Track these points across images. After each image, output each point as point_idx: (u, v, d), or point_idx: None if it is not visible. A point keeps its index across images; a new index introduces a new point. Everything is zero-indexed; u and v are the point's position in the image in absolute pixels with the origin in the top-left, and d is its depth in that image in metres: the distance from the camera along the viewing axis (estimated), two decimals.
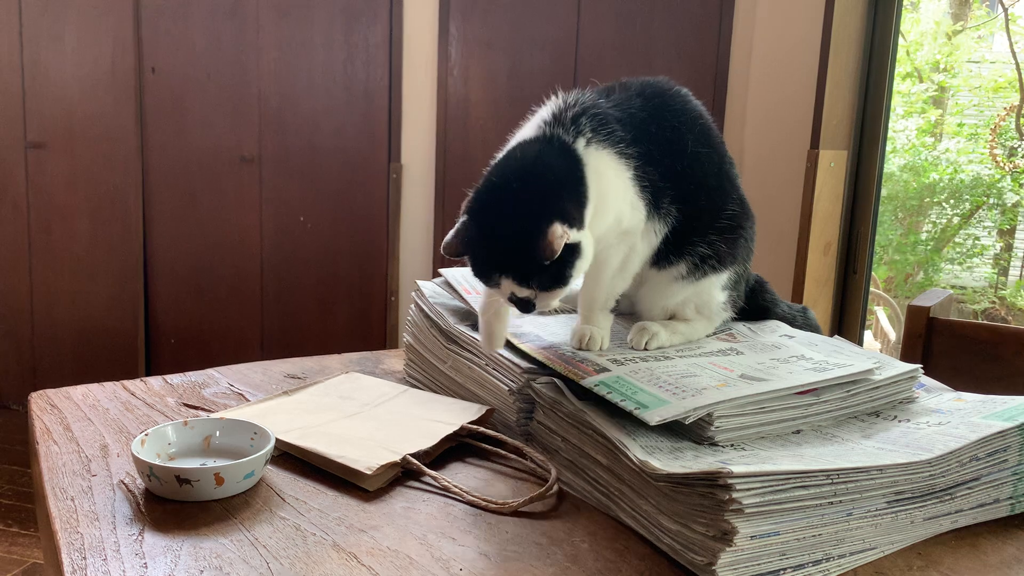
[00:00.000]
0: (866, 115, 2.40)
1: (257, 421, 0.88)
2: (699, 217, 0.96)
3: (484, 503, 0.78)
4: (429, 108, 2.94)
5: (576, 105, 0.90)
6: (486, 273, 0.85)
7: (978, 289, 4.34)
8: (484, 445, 0.90)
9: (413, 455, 0.84)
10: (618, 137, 0.89)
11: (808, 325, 1.09)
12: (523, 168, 0.86)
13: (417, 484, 0.83)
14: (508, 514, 0.77)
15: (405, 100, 2.97)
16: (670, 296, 0.99)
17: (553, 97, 0.93)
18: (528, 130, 0.91)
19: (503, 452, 0.89)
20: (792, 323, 1.08)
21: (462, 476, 0.85)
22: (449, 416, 0.94)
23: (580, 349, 0.91)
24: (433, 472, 0.83)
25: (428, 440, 0.87)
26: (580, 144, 0.87)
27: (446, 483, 0.81)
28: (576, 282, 0.89)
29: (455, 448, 0.91)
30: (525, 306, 0.86)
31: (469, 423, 0.92)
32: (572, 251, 0.84)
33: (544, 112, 0.92)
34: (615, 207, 0.89)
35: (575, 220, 0.84)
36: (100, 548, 0.68)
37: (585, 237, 0.85)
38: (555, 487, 0.80)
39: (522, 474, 0.85)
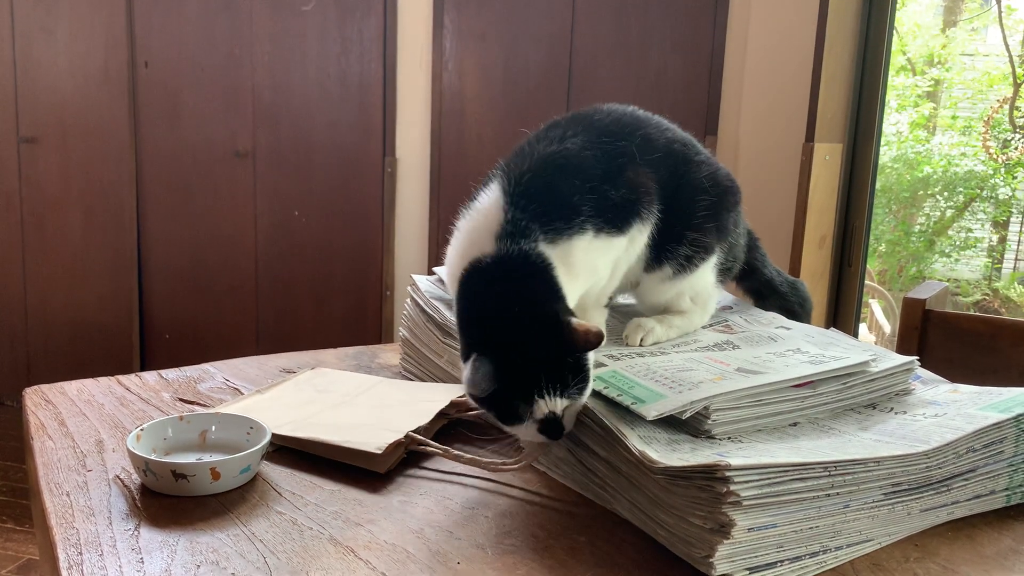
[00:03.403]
0: (861, 108, 2.40)
1: None
2: (671, 223, 0.95)
3: (488, 464, 0.82)
4: (424, 101, 2.94)
5: (518, 205, 0.85)
6: (521, 397, 0.78)
7: (972, 281, 4.35)
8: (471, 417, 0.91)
9: (415, 431, 0.87)
10: (564, 213, 0.85)
11: (798, 296, 1.10)
12: (506, 289, 0.82)
13: (414, 479, 0.83)
14: (512, 470, 0.81)
15: (400, 93, 2.96)
16: (661, 293, 0.99)
17: (487, 191, 0.88)
18: (477, 243, 0.85)
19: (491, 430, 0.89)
20: (777, 288, 1.09)
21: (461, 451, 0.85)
22: (433, 395, 0.97)
23: None
24: (437, 444, 0.83)
25: (423, 418, 0.90)
26: (543, 247, 0.84)
27: (456, 453, 0.84)
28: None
29: (447, 432, 0.91)
30: (557, 428, 0.79)
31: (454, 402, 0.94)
32: None
33: (488, 219, 0.86)
34: (590, 263, 0.88)
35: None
36: (96, 543, 0.68)
37: None
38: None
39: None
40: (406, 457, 0.86)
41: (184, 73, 3.10)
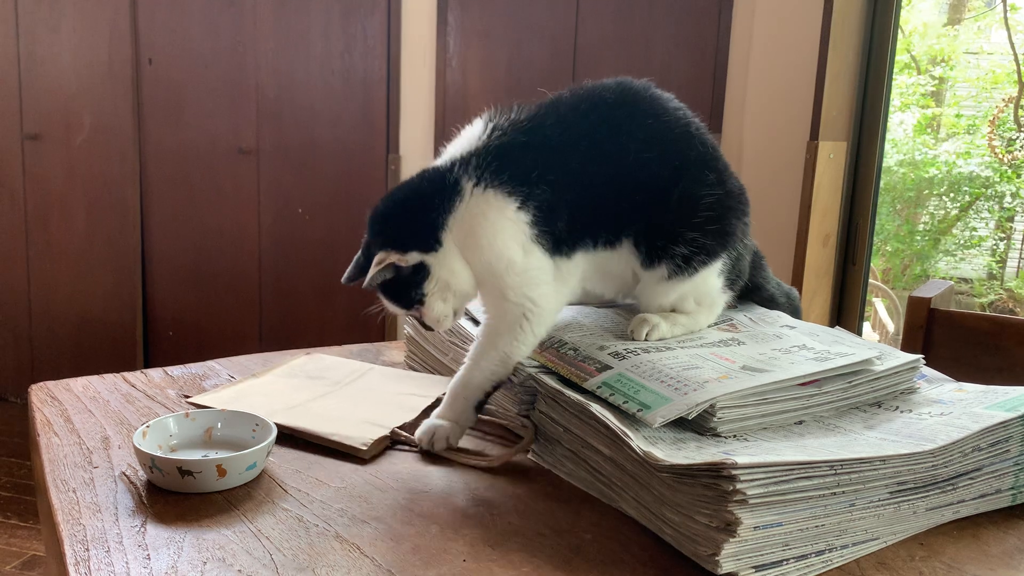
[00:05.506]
0: (865, 106, 2.40)
1: (234, 405, 0.91)
2: (665, 221, 0.93)
3: (472, 461, 0.85)
4: (427, 99, 2.93)
5: (486, 138, 0.90)
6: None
7: (981, 280, 4.34)
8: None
9: (400, 427, 0.91)
10: (516, 180, 0.88)
11: (791, 308, 1.09)
12: (414, 183, 0.92)
13: (419, 477, 0.83)
14: (495, 469, 0.84)
15: (403, 91, 2.96)
16: (662, 295, 0.98)
17: (477, 120, 0.93)
18: (442, 158, 0.93)
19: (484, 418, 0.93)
20: (774, 301, 1.08)
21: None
22: (423, 389, 1.01)
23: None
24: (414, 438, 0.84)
25: (410, 413, 0.94)
26: (468, 185, 0.88)
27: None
28: (438, 303, 0.90)
29: None
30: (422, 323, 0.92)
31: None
32: (416, 272, 0.88)
33: (460, 144, 0.93)
34: (497, 247, 0.88)
35: (408, 245, 0.88)
36: (103, 540, 0.68)
37: (439, 261, 0.88)
38: (531, 440, 0.86)
39: (504, 441, 0.87)
40: (408, 451, 0.87)
41: (188, 70, 3.10)
